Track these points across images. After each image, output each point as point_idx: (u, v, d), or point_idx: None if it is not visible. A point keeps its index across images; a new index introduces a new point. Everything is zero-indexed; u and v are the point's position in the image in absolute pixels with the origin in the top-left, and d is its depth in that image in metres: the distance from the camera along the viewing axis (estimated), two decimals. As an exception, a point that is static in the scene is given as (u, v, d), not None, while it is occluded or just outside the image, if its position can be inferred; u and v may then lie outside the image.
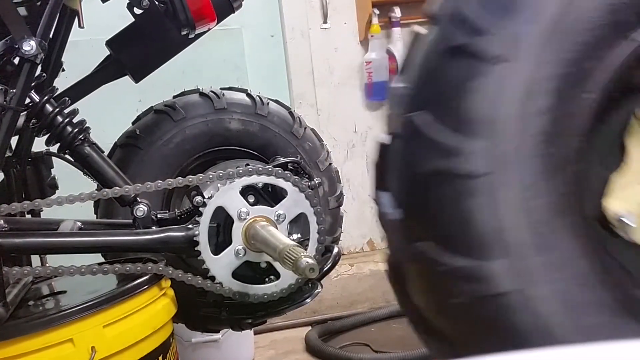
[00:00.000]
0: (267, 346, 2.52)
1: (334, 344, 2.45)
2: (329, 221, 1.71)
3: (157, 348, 1.29)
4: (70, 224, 1.42)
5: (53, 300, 1.34)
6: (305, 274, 1.14)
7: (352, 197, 2.92)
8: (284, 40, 2.83)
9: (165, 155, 1.64)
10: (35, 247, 1.33)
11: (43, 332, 1.12)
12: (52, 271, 1.26)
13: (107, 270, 1.28)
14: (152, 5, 1.49)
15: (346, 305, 2.76)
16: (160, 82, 1.84)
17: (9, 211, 1.24)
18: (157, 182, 1.34)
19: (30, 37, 1.24)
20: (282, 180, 1.38)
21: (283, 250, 1.19)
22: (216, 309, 1.60)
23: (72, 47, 1.64)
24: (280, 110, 1.75)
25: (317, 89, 2.85)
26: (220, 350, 2.17)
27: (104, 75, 1.66)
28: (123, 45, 1.61)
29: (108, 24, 1.62)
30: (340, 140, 2.89)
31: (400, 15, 2.77)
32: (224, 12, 1.58)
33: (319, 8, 2.83)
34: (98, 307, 1.18)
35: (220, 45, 2.71)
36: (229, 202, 1.35)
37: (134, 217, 1.38)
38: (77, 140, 1.39)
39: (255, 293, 1.39)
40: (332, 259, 1.55)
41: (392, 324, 2.63)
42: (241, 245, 1.35)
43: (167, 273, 1.32)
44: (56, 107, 1.38)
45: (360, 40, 2.86)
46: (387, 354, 2.28)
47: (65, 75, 1.63)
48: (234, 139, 1.69)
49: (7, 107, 1.23)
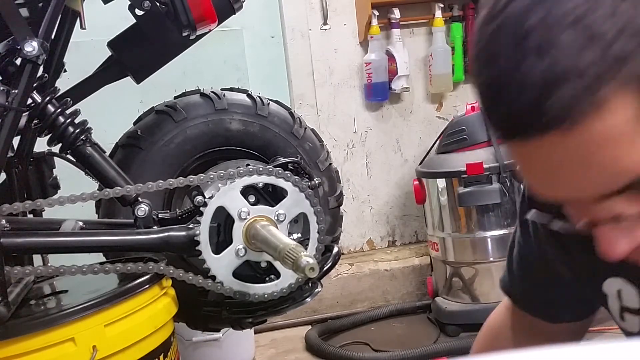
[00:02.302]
0: (267, 345, 2.53)
1: (334, 343, 2.46)
2: (329, 221, 1.71)
3: (158, 347, 1.29)
4: (72, 224, 1.43)
5: (54, 300, 1.34)
6: (305, 274, 1.14)
7: (352, 197, 2.92)
8: (284, 41, 2.84)
9: (166, 155, 1.65)
10: (37, 247, 1.33)
11: (44, 331, 1.13)
12: (54, 270, 1.27)
13: (109, 269, 1.29)
14: (153, 7, 1.50)
15: (346, 304, 2.77)
16: (162, 83, 1.85)
17: (11, 211, 1.24)
18: (158, 182, 1.35)
19: (32, 38, 1.24)
20: (282, 180, 1.39)
21: (283, 250, 1.20)
22: (217, 308, 1.61)
23: (74, 48, 1.64)
24: (281, 111, 1.76)
25: (317, 90, 2.85)
26: (221, 349, 2.18)
27: (105, 76, 1.66)
28: (124, 46, 1.62)
29: (110, 25, 1.63)
30: (340, 140, 2.90)
31: (399, 16, 2.78)
32: (224, 14, 1.58)
33: (319, 9, 2.83)
34: (99, 306, 1.19)
35: (221, 46, 2.71)
36: (230, 201, 1.35)
37: (135, 216, 1.38)
38: (78, 141, 1.40)
39: (255, 292, 1.39)
40: (332, 259, 1.55)
41: (392, 323, 2.64)
42: (242, 245, 1.35)
43: (168, 272, 1.33)
44: (58, 108, 1.39)
45: (360, 41, 2.86)
46: (387, 353, 2.28)
47: (67, 76, 1.64)
48: (235, 139, 1.69)
49: (9, 108, 1.24)
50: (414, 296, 2.82)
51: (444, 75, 2.86)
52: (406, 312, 2.70)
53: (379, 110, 2.93)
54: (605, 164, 0.49)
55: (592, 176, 0.50)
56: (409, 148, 2.97)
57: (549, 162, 0.51)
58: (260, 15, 2.82)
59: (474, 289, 2.48)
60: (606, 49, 0.46)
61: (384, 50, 2.82)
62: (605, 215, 0.54)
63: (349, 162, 2.92)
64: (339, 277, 2.76)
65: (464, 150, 2.43)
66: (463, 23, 2.88)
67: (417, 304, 2.73)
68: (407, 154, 2.97)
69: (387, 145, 2.95)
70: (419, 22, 2.90)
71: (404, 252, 2.91)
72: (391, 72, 2.81)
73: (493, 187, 2.35)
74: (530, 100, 0.48)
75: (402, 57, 2.79)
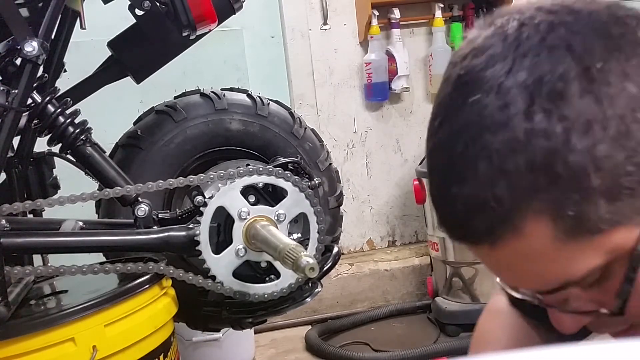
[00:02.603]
0: (267, 345, 2.53)
1: (334, 343, 2.46)
2: (329, 221, 1.71)
3: (158, 347, 1.29)
4: (72, 224, 1.43)
5: (54, 300, 1.34)
6: (305, 274, 1.14)
7: (352, 197, 2.92)
8: (284, 41, 2.84)
9: (166, 155, 1.65)
10: (37, 247, 1.33)
11: (44, 331, 1.13)
12: (54, 270, 1.27)
13: (109, 269, 1.29)
14: (153, 7, 1.50)
15: (346, 304, 2.77)
16: (161, 83, 1.85)
17: (11, 211, 1.24)
18: (158, 182, 1.35)
19: (32, 38, 1.24)
20: (282, 180, 1.39)
21: (283, 250, 1.20)
22: (217, 308, 1.61)
23: (74, 48, 1.64)
24: (281, 111, 1.76)
25: (317, 90, 2.85)
26: (221, 349, 2.18)
27: (105, 76, 1.66)
28: (124, 46, 1.62)
29: (110, 25, 1.63)
30: (340, 140, 2.90)
31: (399, 16, 2.78)
32: (224, 14, 1.58)
33: (319, 9, 2.83)
34: (99, 306, 1.19)
35: (221, 46, 2.71)
36: (230, 201, 1.35)
37: (135, 216, 1.38)
38: (78, 141, 1.40)
39: (255, 292, 1.39)
40: (332, 259, 1.55)
41: (392, 323, 2.64)
42: (242, 245, 1.36)
43: (168, 272, 1.33)
44: (58, 108, 1.39)
45: (360, 41, 2.86)
46: (387, 353, 2.28)
47: (67, 76, 1.64)
48: (235, 139, 1.69)
49: (9, 108, 1.24)
50: (414, 296, 2.82)
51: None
52: (406, 312, 2.70)
53: (379, 110, 2.93)
54: (533, 273, 0.54)
55: (526, 280, 0.56)
56: (409, 148, 2.97)
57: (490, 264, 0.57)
58: (260, 15, 2.82)
59: (474, 289, 2.48)
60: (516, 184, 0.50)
61: (384, 50, 2.82)
62: (552, 301, 0.58)
63: (349, 162, 2.92)
64: (339, 277, 2.76)
65: (464, 150, 2.43)
66: (463, 23, 2.88)
67: (417, 304, 2.73)
68: (407, 154, 2.97)
69: (387, 145, 2.95)
70: (419, 22, 2.90)
71: (404, 252, 2.91)
72: (391, 72, 2.81)
73: (493, 187, 2.35)
74: (457, 220, 0.55)
75: (402, 57, 2.79)
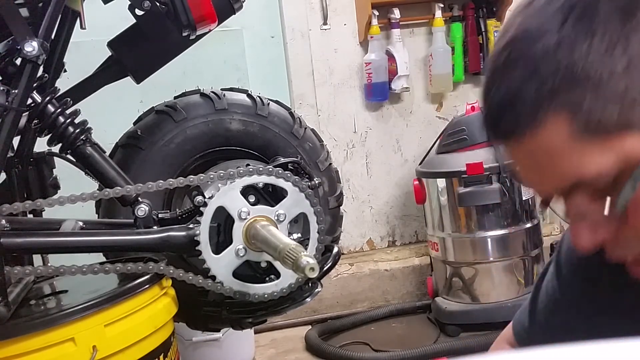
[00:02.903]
0: (267, 345, 2.53)
1: (334, 342, 2.46)
2: (329, 221, 1.71)
3: (158, 347, 1.29)
4: (72, 224, 1.43)
5: (54, 300, 1.34)
6: (305, 274, 1.14)
7: (352, 197, 2.92)
8: (284, 41, 2.84)
9: (166, 155, 1.65)
10: (37, 247, 1.33)
11: (44, 331, 1.13)
12: (54, 270, 1.27)
13: (109, 269, 1.29)
14: (153, 7, 1.50)
15: (346, 304, 2.77)
16: (161, 83, 1.85)
17: (11, 211, 1.24)
18: (158, 182, 1.35)
19: (32, 38, 1.24)
20: (282, 180, 1.39)
21: (283, 250, 1.20)
22: (217, 308, 1.61)
23: (74, 48, 1.64)
24: (281, 111, 1.76)
25: (317, 90, 2.85)
26: (221, 349, 2.18)
27: (105, 76, 1.66)
28: (124, 46, 1.62)
29: (109, 25, 1.63)
30: (340, 140, 2.90)
31: (399, 16, 2.78)
32: (224, 14, 1.58)
33: (318, 9, 2.83)
34: (99, 306, 1.19)
35: (221, 46, 2.71)
36: (230, 202, 1.35)
37: (135, 216, 1.38)
38: (78, 141, 1.40)
39: (255, 292, 1.39)
40: (332, 259, 1.55)
41: (392, 323, 2.64)
42: (242, 245, 1.35)
43: (168, 272, 1.33)
44: (58, 108, 1.39)
45: (360, 41, 2.86)
46: (387, 353, 2.29)
47: (67, 76, 1.64)
48: (235, 139, 1.69)
49: (9, 108, 1.24)
50: (414, 296, 2.82)
51: (444, 75, 2.86)
52: (406, 312, 2.70)
53: (379, 110, 2.93)
54: (550, 168, 0.63)
55: (545, 175, 0.65)
56: (409, 148, 2.97)
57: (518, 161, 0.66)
58: (260, 15, 2.82)
59: (474, 289, 2.48)
60: (542, 85, 0.60)
61: (384, 50, 2.82)
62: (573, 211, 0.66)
63: (349, 162, 2.92)
64: (339, 277, 2.76)
65: (464, 150, 2.43)
66: (463, 23, 2.88)
67: (417, 304, 2.73)
68: (407, 154, 2.97)
69: (387, 145, 2.96)
70: (419, 22, 2.90)
71: (404, 252, 2.91)
72: (391, 72, 2.81)
73: (493, 187, 2.35)
74: (493, 116, 0.65)
75: (402, 57, 2.79)
